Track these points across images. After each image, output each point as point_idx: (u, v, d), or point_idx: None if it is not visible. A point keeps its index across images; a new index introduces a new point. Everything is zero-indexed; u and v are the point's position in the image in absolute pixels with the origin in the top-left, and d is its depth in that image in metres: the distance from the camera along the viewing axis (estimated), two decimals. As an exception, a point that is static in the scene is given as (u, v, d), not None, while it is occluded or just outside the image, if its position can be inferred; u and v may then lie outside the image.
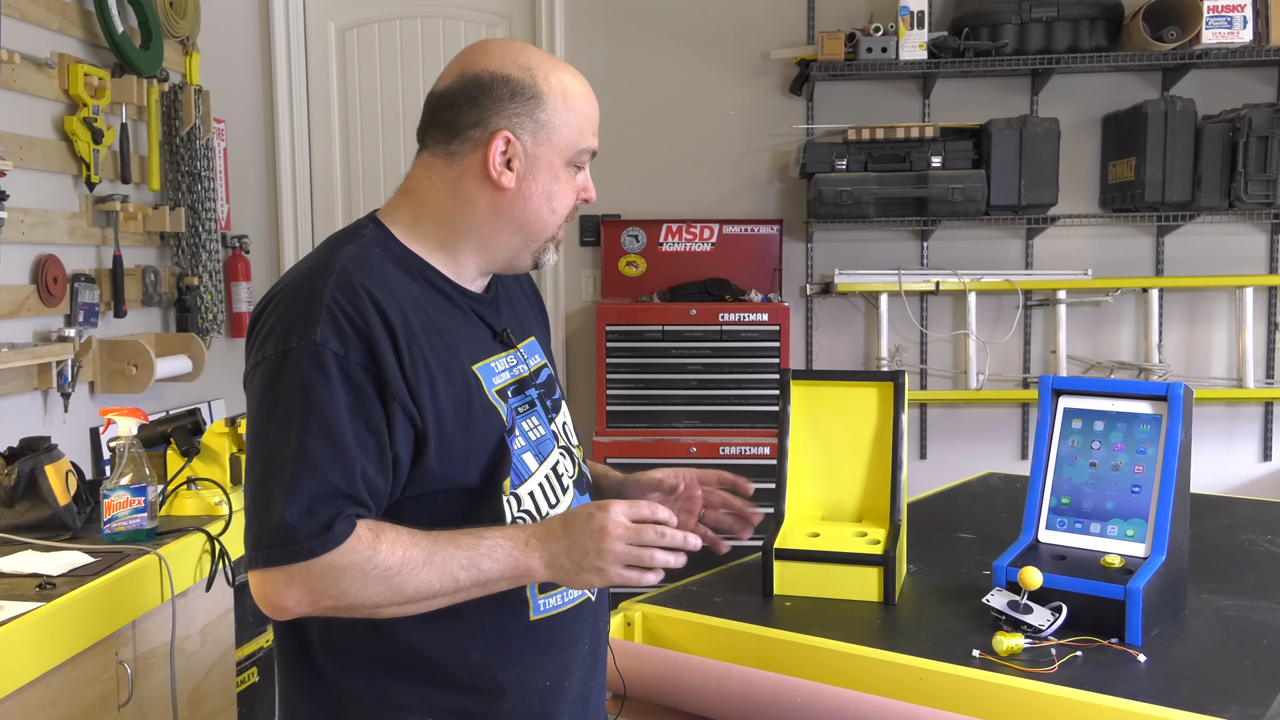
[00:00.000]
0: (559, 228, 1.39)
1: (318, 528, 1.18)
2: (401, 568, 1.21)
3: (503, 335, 1.39)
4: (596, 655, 1.46)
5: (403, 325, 1.25)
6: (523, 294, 1.54)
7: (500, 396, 1.34)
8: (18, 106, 2.91)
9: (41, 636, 1.77)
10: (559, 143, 1.34)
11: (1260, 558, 2.08)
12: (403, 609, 1.24)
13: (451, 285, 1.36)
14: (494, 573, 1.24)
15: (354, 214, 4.42)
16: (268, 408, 1.23)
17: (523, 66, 1.33)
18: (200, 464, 2.34)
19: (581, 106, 1.36)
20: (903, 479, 1.87)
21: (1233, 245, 4.06)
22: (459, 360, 1.31)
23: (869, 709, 1.54)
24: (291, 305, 1.25)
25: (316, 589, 1.20)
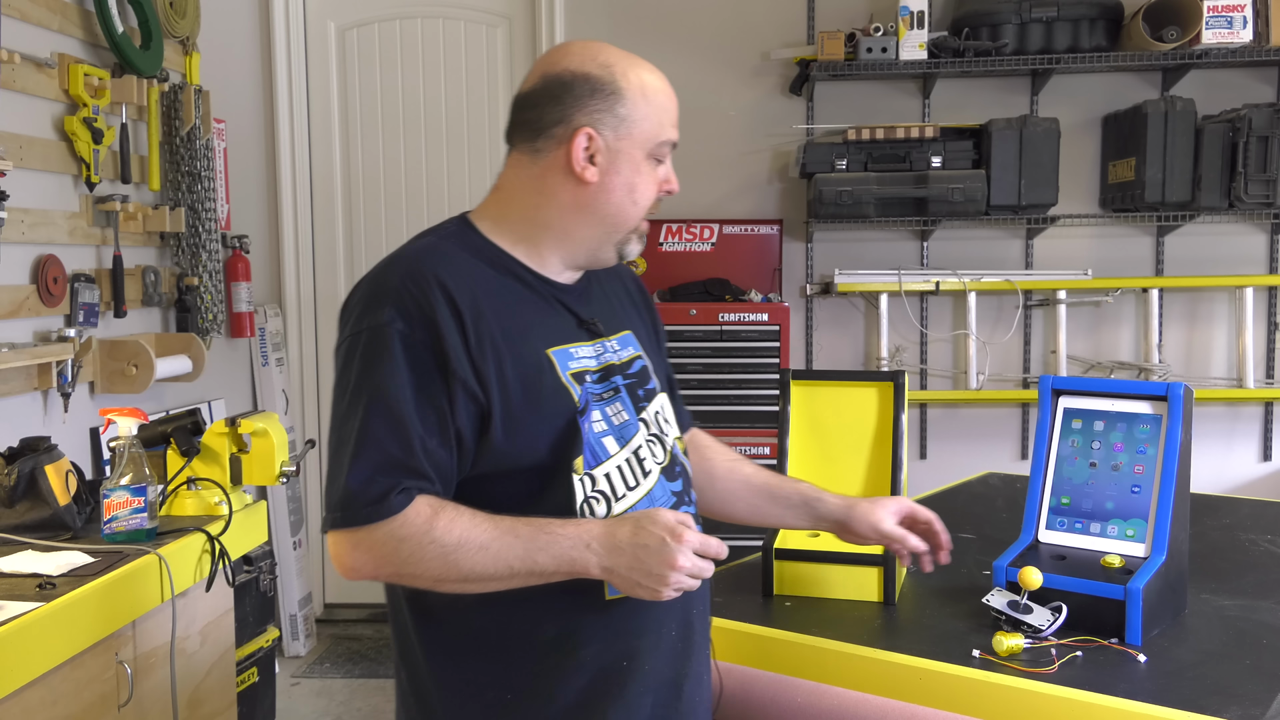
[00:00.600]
0: (641, 219, 1.43)
1: (375, 496, 1.26)
2: (458, 547, 1.27)
3: (589, 324, 1.44)
4: (689, 644, 1.44)
5: (470, 308, 1.31)
6: (626, 293, 1.58)
7: (576, 380, 1.38)
8: (18, 106, 2.91)
9: (41, 636, 1.77)
10: (639, 136, 1.39)
11: (1260, 558, 2.08)
12: (460, 586, 1.30)
13: (533, 275, 1.42)
14: (549, 567, 1.29)
15: (354, 214, 4.43)
16: (342, 384, 1.34)
17: (602, 64, 1.39)
18: (200, 464, 2.34)
19: (660, 100, 1.41)
20: (903, 479, 1.87)
21: (1233, 245, 4.07)
22: (531, 343, 1.36)
23: (869, 709, 1.54)
24: (367, 291, 1.35)
25: (378, 555, 1.28)
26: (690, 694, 1.45)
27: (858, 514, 1.60)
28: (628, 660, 1.38)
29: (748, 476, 1.67)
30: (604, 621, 1.37)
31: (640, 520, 1.29)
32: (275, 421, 2.39)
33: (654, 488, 1.42)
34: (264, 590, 3.56)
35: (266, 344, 4.22)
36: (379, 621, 4.48)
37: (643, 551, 1.26)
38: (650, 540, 1.26)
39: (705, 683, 1.51)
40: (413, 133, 4.38)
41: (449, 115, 4.36)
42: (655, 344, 1.59)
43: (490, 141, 4.36)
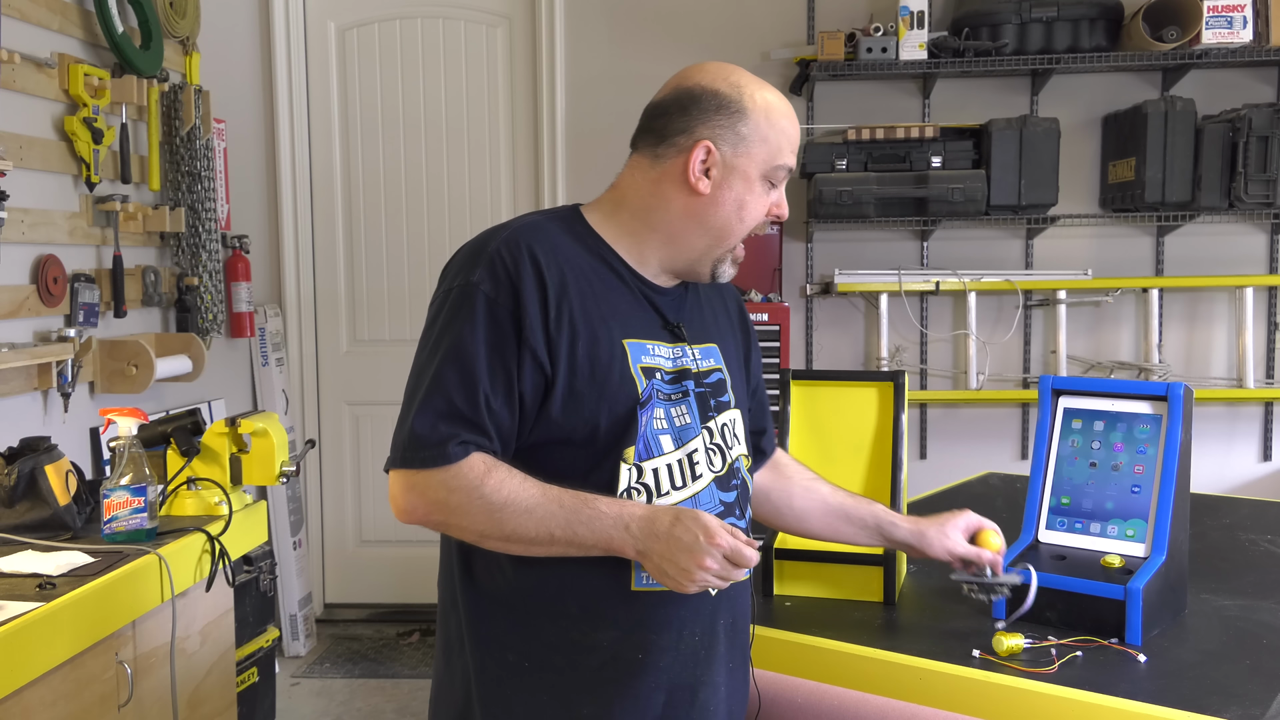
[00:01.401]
0: (742, 239, 1.47)
1: (436, 442, 1.33)
2: (505, 506, 1.32)
3: (673, 327, 1.47)
4: (711, 651, 1.46)
5: (557, 283, 1.37)
6: (725, 311, 1.62)
7: (645, 374, 1.41)
8: (18, 106, 2.91)
9: (41, 636, 1.77)
10: (757, 156, 1.43)
11: (1260, 558, 2.08)
12: (503, 545, 1.36)
13: (627, 269, 1.46)
14: (588, 540, 1.33)
15: (354, 214, 4.43)
16: (427, 334, 1.40)
17: (732, 84, 1.44)
18: (200, 464, 2.34)
19: (783, 125, 1.45)
20: (903, 479, 1.87)
21: (1233, 245, 4.07)
22: (609, 329, 1.40)
23: (869, 709, 1.54)
24: (466, 254, 1.41)
25: (430, 499, 1.34)
26: (706, 701, 1.46)
27: (930, 539, 1.64)
28: (642, 653, 1.40)
29: (825, 497, 1.69)
30: (625, 610, 1.40)
31: (682, 514, 1.32)
32: (275, 421, 2.39)
33: (701, 492, 1.44)
34: (264, 590, 3.56)
35: (266, 344, 4.23)
36: (379, 621, 4.48)
37: (676, 544, 1.30)
38: (685, 535, 1.30)
39: (726, 694, 1.50)
40: (413, 132, 4.38)
41: (449, 115, 4.36)
42: (743, 365, 1.63)
43: (490, 141, 4.36)
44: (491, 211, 4.34)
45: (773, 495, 1.69)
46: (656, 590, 1.40)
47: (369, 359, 4.45)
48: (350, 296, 4.46)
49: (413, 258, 4.42)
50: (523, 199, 4.35)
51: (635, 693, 1.40)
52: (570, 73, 4.24)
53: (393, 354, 4.41)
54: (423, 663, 4.05)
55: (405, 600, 4.47)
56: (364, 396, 4.46)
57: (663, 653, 1.41)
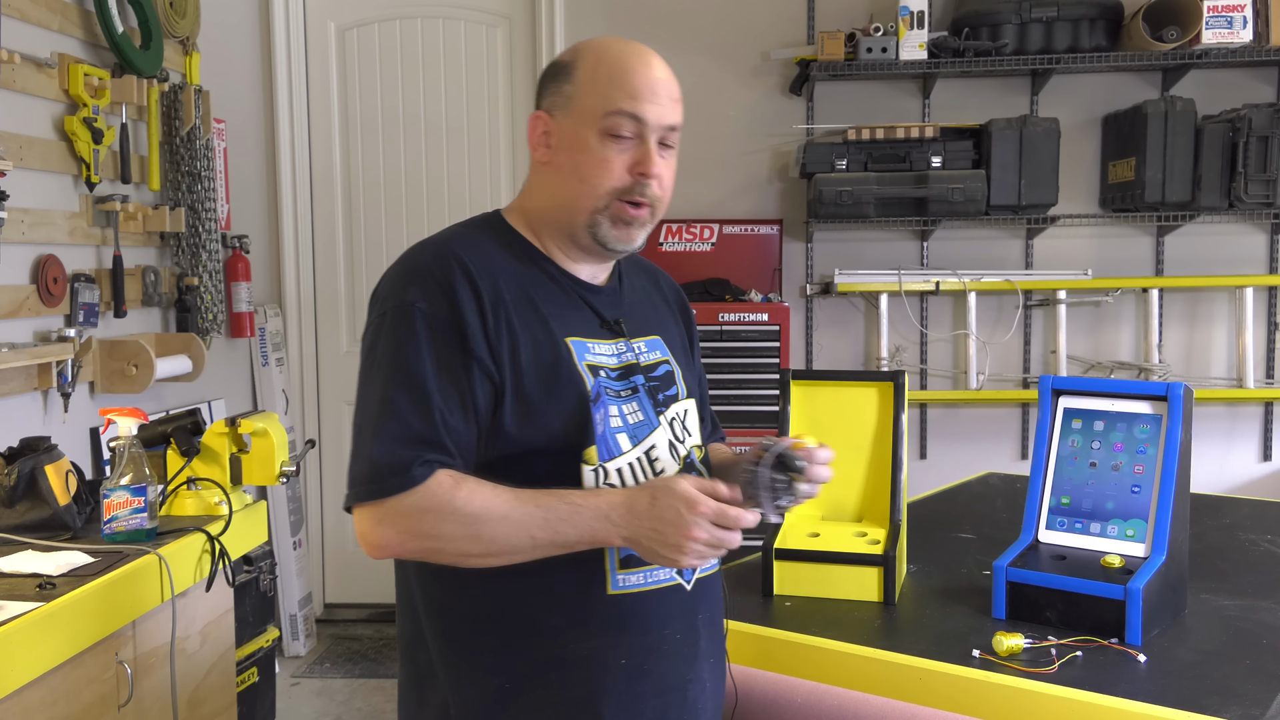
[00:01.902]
0: (598, 200, 1.38)
1: (399, 468, 1.28)
2: (480, 516, 1.28)
3: (611, 324, 1.44)
4: (694, 648, 1.43)
5: (490, 290, 1.34)
6: (664, 300, 1.59)
7: (591, 370, 1.38)
8: (18, 106, 2.91)
9: (41, 636, 1.77)
10: (583, 112, 1.36)
11: (1260, 558, 2.08)
12: (485, 560, 1.31)
13: (557, 269, 1.43)
14: (571, 537, 1.29)
15: (354, 214, 4.44)
16: (368, 362, 1.36)
17: (573, 49, 1.41)
18: (200, 464, 2.34)
19: (611, 71, 1.36)
20: (903, 479, 1.87)
21: (1233, 245, 4.07)
22: (550, 330, 1.37)
23: (869, 709, 1.54)
24: (396, 275, 1.38)
25: (403, 528, 1.29)
26: (695, 698, 1.44)
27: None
28: (627, 659, 1.37)
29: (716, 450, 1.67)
30: (605, 615, 1.37)
31: (657, 491, 1.29)
32: (275, 421, 2.39)
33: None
34: (264, 590, 3.56)
35: (266, 344, 4.23)
36: (379, 621, 4.48)
37: (660, 522, 1.27)
38: (668, 511, 1.27)
39: (712, 689, 1.49)
40: (413, 132, 4.38)
41: (449, 115, 4.36)
42: (687, 354, 1.59)
43: (490, 141, 4.36)
44: (491, 211, 4.33)
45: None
46: (634, 591, 1.37)
47: (369, 359, 4.44)
48: (350, 296, 4.45)
49: (413, 258, 4.41)
50: (523, 199, 4.34)
51: (626, 700, 1.37)
52: (570, 73, 4.23)
53: (393, 354, 4.40)
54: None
55: (405, 600, 4.46)
56: (364, 396, 4.46)
57: (648, 654, 1.39)
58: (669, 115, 1.38)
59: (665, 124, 1.38)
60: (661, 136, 1.38)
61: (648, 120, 1.36)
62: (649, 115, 1.36)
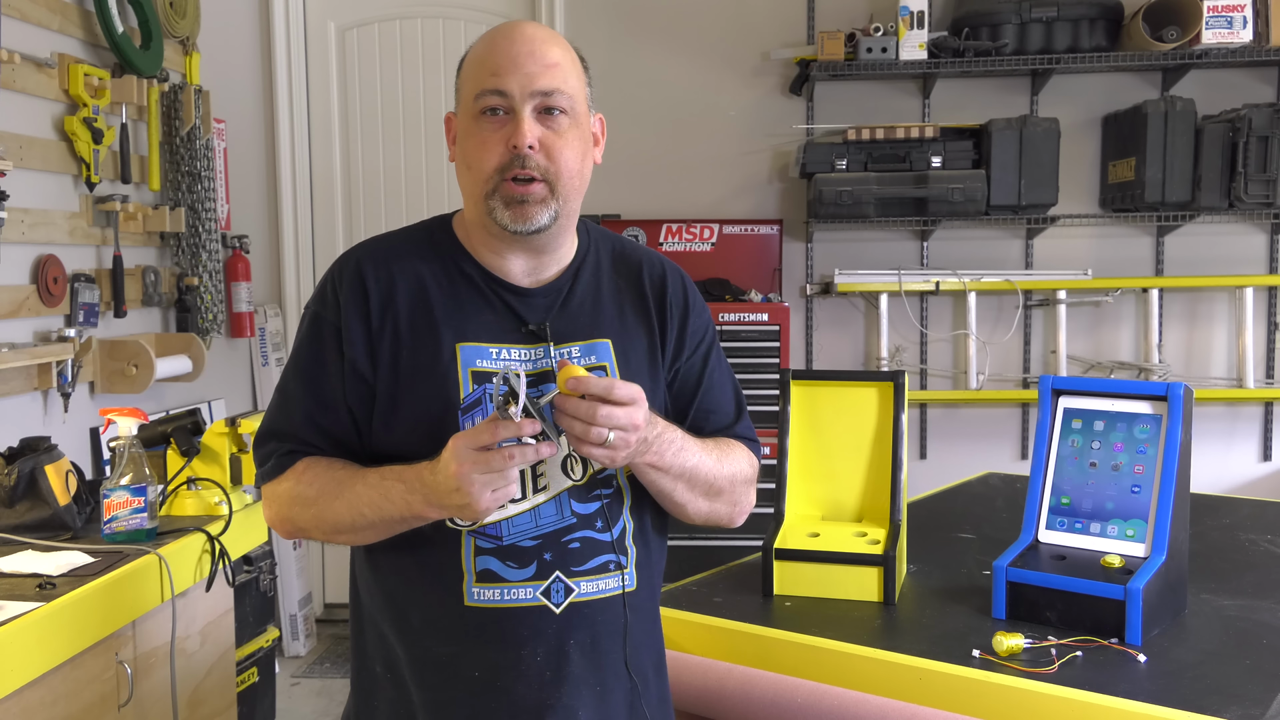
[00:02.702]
0: (485, 182, 1.34)
1: (264, 458, 1.41)
2: (318, 498, 1.35)
3: (538, 329, 1.37)
4: (561, 672, 1.34)
5: (383, 294, 1.37)
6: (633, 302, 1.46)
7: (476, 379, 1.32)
8: (18, 106, 2.91)
9: (41, 636, 1.77)
10: (463, 100, 1.38)
11: (1260, 558, 2.08)
12: (336, 537, 1.38)
13: (481, 272, 1.40)
14: (394, 514, 1.30)
15: (354, 214, 4.43)
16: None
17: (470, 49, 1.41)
18: (200, 464, 2.34)
19: (479, 54, 1.35)
20: (903, 479, 1.87)
21: (1233, 245, 4.07)
22: (438, 335, 1.36)
23: (869, 709, 1.54)
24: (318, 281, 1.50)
25: (274, 510, 1.41)
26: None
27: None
28: (480, 670, 1.34)
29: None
30: (460, 625, 1.34)
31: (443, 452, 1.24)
32: (275, 421, 2.38)
33: (544, 504, 1.34)
34: (264, 590, 3.56)
35: (266, 344, 4.22)
36: (379, 621, 4.48)
37: (439, 472, 1.23)
38: (439, 461, 1.23)
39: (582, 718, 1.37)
40: (413, 133, 4.38)
41: (449, 115, 4.36)
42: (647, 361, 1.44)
43: (490, 141, 4.35)
44: (491, 211, 4.34)
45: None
46: (489, 606, 1.33)
47: (369, 359, 4.45)
48: (350, 296, 4.45)
49: (413, 258, 4.41)
50: (523, 199, 4.34)
51: (476, 712, 1.34)
52: (570, 73, 4.23)
53: (393, 354, 4.41)
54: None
55: (405, 600, 4.46)
56: (364, 396, 4.46)
57: (503, 671, 1.34)
58: (539, 81, 1.32)
59: (534, 89, 1.32)
60: (539, 104, 1.33)
61: (511, 91, 1.32)
62: (511, 86, 1.32)
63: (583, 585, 1.35)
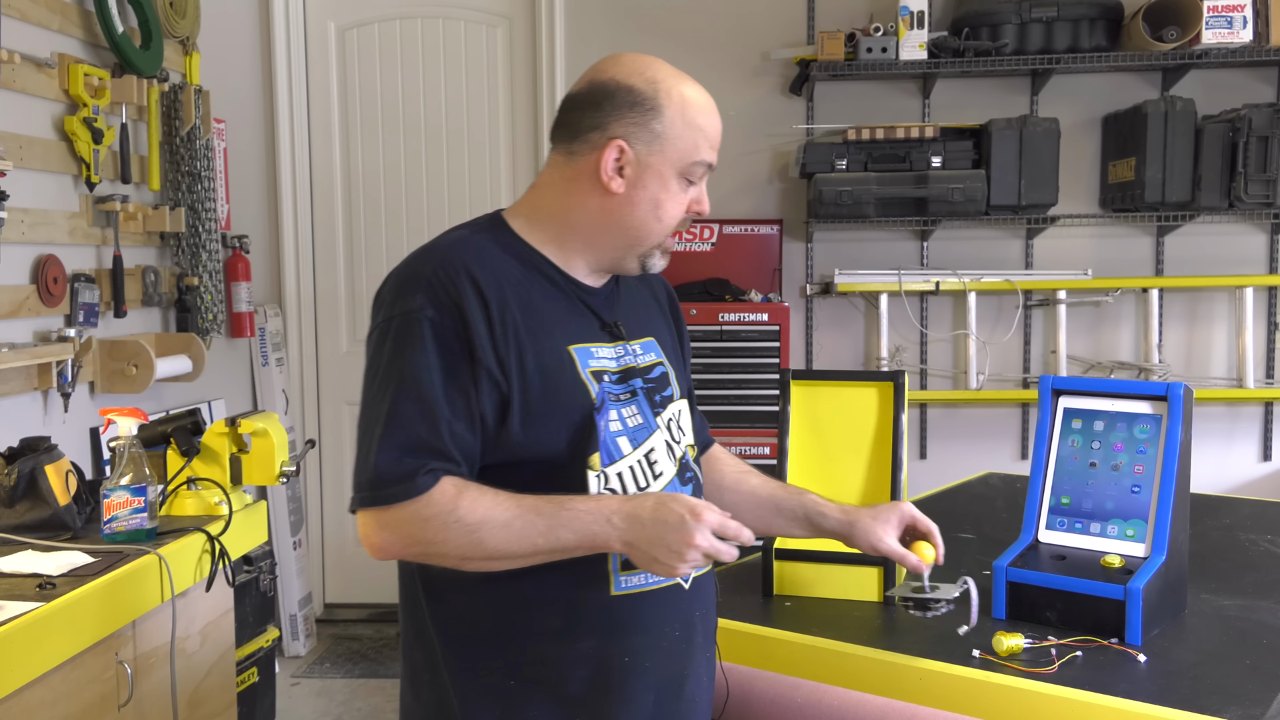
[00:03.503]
0: (665, 236, 1.45)
1: (402, 476, 1.30)
2: (482, 524, 1.30)
3: (611, 327, 1.46)
4: (691, 644, 1.46)
5: (497, 299, 1.35)
6: (655, 300, 1.60)
7: (595, 378, 1.40)
8: (18, 106, 2.91)
9: (41, 636, 1.77)
10: (672, 154, 1.40)
11: (1260, 558, 2.08)
12: (486, 564, 1.33)
13: (560, 274, 1.44)
14: (570, 543, 1.31)
15: (354, 214, 4.43)
16: (373, 367, 1.37)
17: (648, 80, 1.41)
18: (200, 464, 2.34)
19: (700, 121, 1.42)
20: (903, 479, 1.87)
21: (1233, 245, 4.07)
22: (554, 338, 1.39)
23: (869, 709, 1.54)
24: (400, 281, 1.38)
25: (404, 534, 1.32)
26: (692, 692, 1.47)
27: (858, 531, 1.59)
28: (629, 656, 1.39)
29: (754, 489, 1.67)
30: (605, 616, 1.39)
31: (662, 497, 1.32)
32: (275, 421, 2.39)
33: (664, 490, 1.44)
34: (264, 590, 3.56)
35: (266, 344, 4.23)
36: (379, 621, 4.48)
37: (663, 527, 1.28)
38: (670, 516, 1.28)
39: (706, 684, 1.52)
40: (413, 133, 4.38)
41: (449, 115, 4.36)
42: (679, 354, 1.60)
43: (490, 141, 4.36)
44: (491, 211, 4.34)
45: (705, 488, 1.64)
46: (634, 592, 1.40)
47: (369, 359, 4.45)
48: (350, 296, 4.46)
49: (413, 258, 4.41)
50: (523, 199, 4.34)
51: (625, 696, 1.40)
52: (570, 73, 4.23)
53: (393, 354, 4.40)
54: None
55: (405, 600, 4.46)
56: (364, 396, 4.46)
57: (647, 652, 1.41)
58: None
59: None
60: None
61: (713, 167, 1.46)
62: (714, 162, 1.46)
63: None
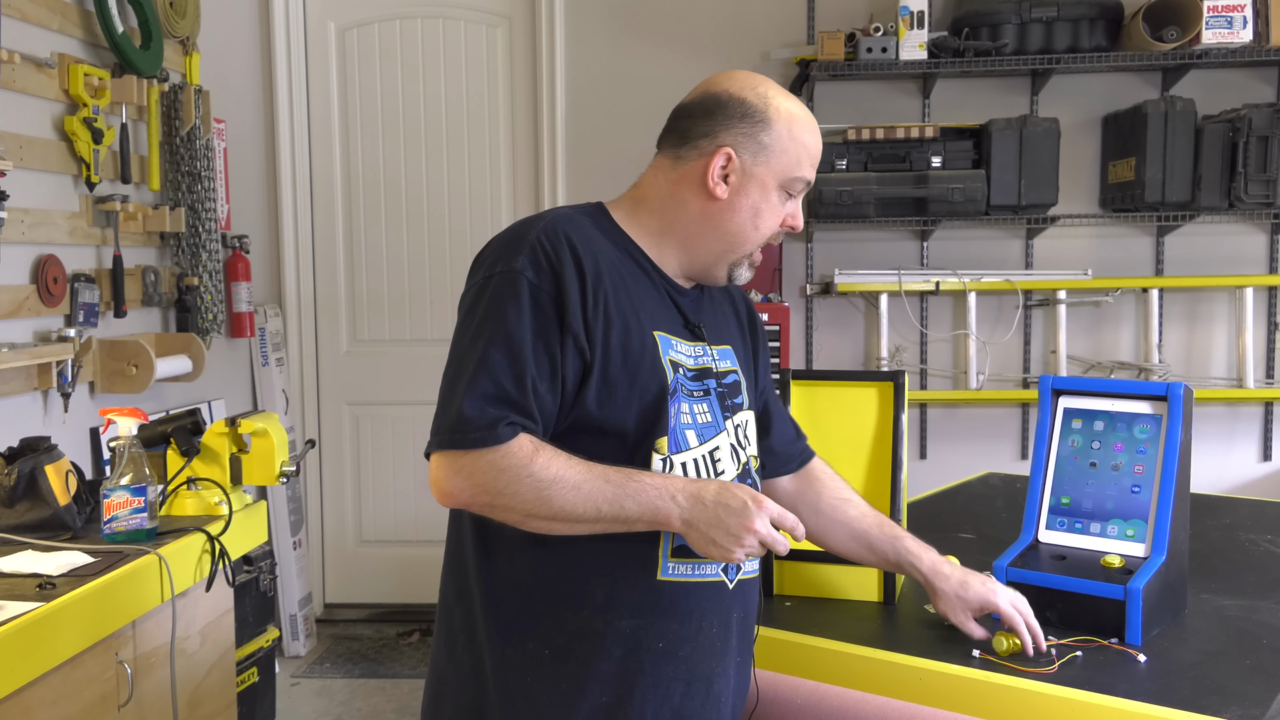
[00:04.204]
0: (758, 246, 1.51)
1: (485, 424, 1.33)
2: (553, 483, 1.33)
3: (694, 326, 1.51)
4: (726, 643, 1.48)
5: (594, 272, 1.40)
6: (735, 314, 1.65)
7: (673, 366, 1.44)
8: (18, 106, 2.91)
9: (41, 636, 1.77)
10: (775, 166, 1.48)
11: (1260, 558, 2.08)
12: (549, 524, 1.36)
13: (653, 266, 1.49)
14: (633, 513, 1.35)
15: (354, 214, 4.43)
16: (468, 320, 1.41)
17: (759, 94, 1.48)
18: (200, 464, 2.34)
19: (804, 138, 1.51)
20: (903, 479, 1.87)
21: (1233, 245, 4.06)
22: (641, 319, 1.43)
23: (869, 709, 1.54)
24: (504, 242, 1.43)
25: (477, 481, 1.34)
26: (720, 691, 1.48)
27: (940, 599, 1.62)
28: (664, 642, 1.42)
29: (850, 521, 1.69)
30: (649, 599, 1.41)
31: (726, 483, 1.37)
32: (275, 421, 2.39)
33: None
34: (264, 590, 3.56)
35: (266, 344, 4.23)
36: (379, 621, 4.48)
37: (724, 510, 1.33)
38: (733, 501, 1.33)
39: (736, 685, 1.53)
40: (413, 132, 4.38)
41: (449, 115, 4.36)
42: (753, 368, 1.64)
43: (490, 141, 4.36)
44: (491, 211, 4.34)
45: (799, 507, 1.68)
46: (681, 580, 1.42)
47: (369, 359, 4.45)
48: (350, 296, 4.46)
49: (413, 258, 4.42)
50: (523, 199, 4.35)
51: (655, 682, 1.42)
52: (570, 73, 4.24)
53: (393, 354, 4.41)
54: (423, 663, 4.05)
55: (405, 600, 4.47)
56: (364, 396, 4.46)
57: (683, 642, 1.43)
58: None
59: None
60: None
61: (810, 184, 1.54)
62: (812, 180, 1.54)
63: (746, 564, 1.50)
